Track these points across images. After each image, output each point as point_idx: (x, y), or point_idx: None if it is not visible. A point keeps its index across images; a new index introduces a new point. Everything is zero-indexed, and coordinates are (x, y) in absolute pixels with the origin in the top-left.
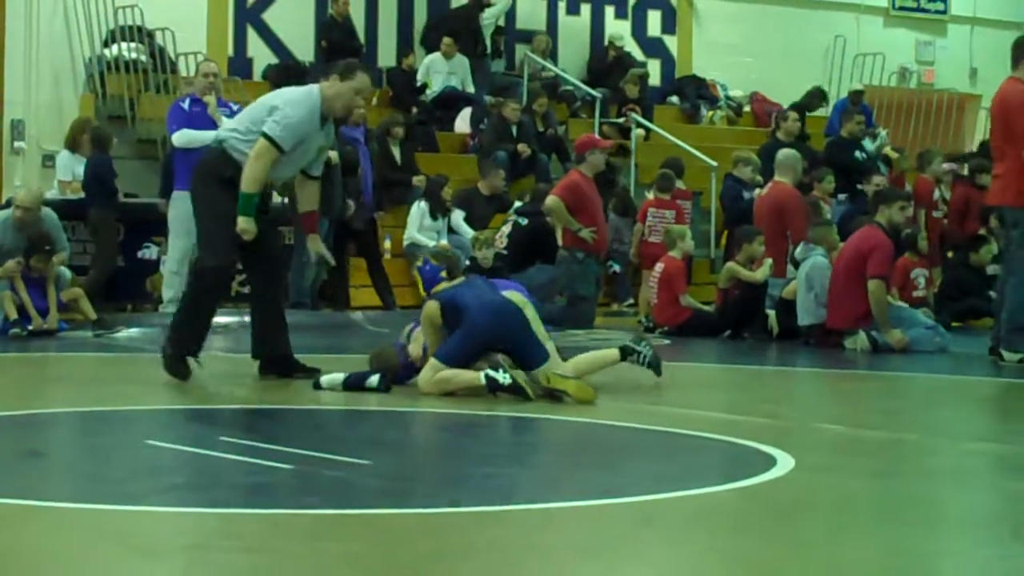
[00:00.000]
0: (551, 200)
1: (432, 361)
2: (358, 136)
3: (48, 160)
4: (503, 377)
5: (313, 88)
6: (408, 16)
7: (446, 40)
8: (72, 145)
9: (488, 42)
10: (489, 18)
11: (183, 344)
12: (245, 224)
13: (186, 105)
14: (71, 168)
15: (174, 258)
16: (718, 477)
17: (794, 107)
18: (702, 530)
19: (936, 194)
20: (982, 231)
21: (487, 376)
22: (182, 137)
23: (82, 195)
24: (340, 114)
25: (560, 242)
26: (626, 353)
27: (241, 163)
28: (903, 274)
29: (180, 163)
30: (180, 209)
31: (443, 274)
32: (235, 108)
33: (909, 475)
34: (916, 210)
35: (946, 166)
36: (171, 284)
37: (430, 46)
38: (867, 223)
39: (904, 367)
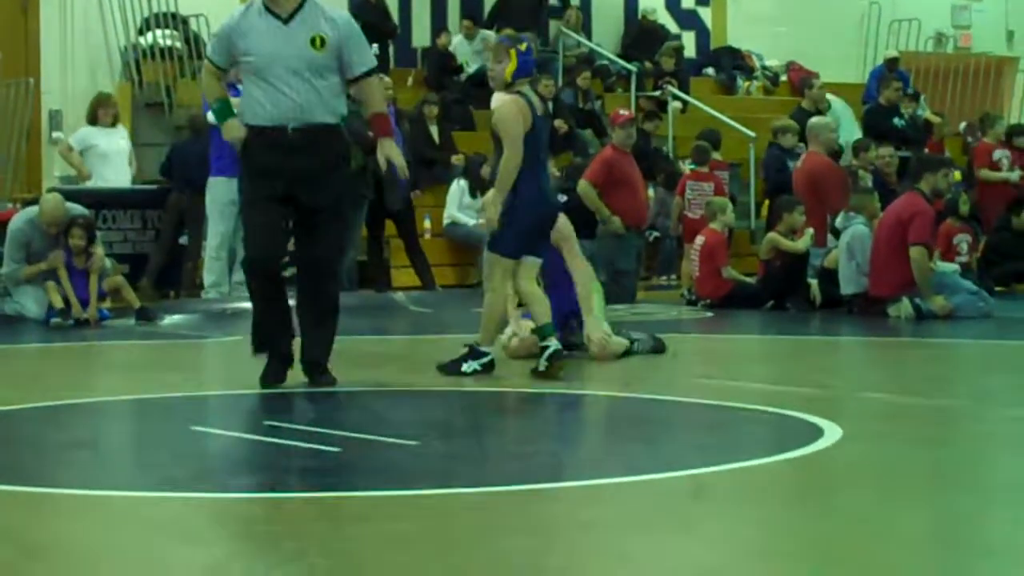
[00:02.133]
0: (582, 185)
1: (495, 256)
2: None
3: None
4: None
5: None
6: None
7: (465, 22)
8: (92, 119)
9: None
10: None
11: (261, 343)
12: (229, 131)
13: None
14: (85, 140)
15: (213, 244)
16: (766, 449)
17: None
18: (752, 502)
19: (996, 155)
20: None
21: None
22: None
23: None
24: None
25: (599, 217)
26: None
27: (248, 124)
28: (946, 239)
29: (216, 148)
30: (217, 194)
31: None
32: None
33: (957, 442)
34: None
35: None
36: (212, 269)
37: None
38: (908, 189)
39: (949, 333)
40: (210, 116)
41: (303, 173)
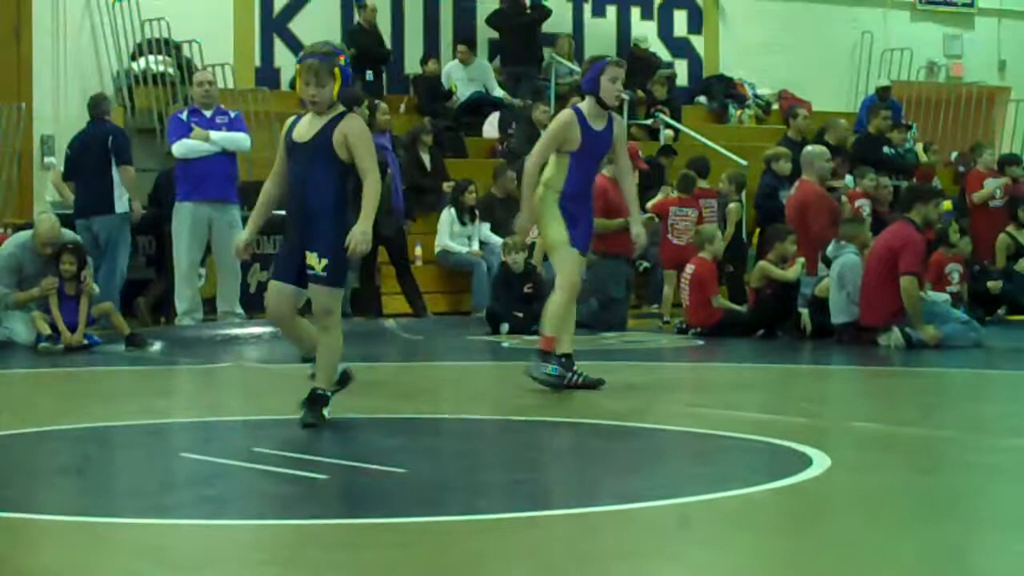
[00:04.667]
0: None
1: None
2: (385, 143)
3: None
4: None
5: None
6: (435, 23)
7: (461, 48)
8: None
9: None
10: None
11: None
12: None
13: (184, 116)
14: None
15: (182, 270)
16: (755, 478)
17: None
18: (741, 531)
19: (992, 184)
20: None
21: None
22: (181, 148)
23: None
24: None
25: (592, 246)
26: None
27: None
28: (937, 269)
29: (180, 174)
30: (183, 219)
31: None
32: (233, 116)
33: (947, 472)
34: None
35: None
36: (183, 296)
37: (502, 57)
38: (898, 219)
39: (939, 363)
40: (175, 149)
41: None
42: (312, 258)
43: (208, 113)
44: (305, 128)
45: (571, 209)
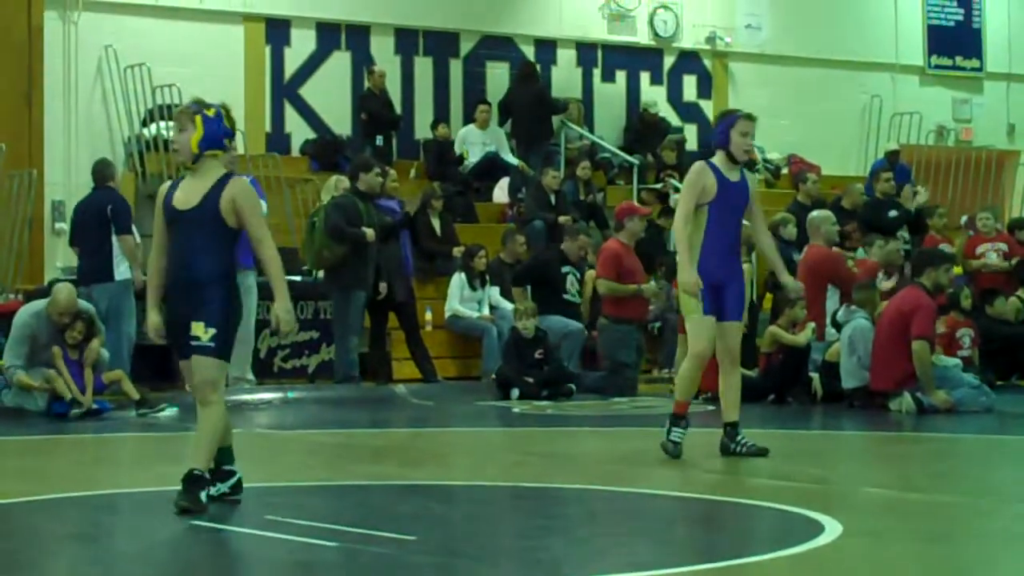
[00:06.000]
0: (602, 286)
1: None
2: (394, 207)
3: None
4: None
5: None
6: (444, 88)
7: (481, 107)
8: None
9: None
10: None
11: None
12: None
13: None
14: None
15: None
16: (766, 545)
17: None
18: None
19: (980, 249)
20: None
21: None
22: None
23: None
24: None
25: (602, 310)
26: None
27: None
28: (948, 333)
29: None
30: None
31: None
32: (248, 181)
33: (959, 538)
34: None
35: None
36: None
37: (513, 122)
38: (909, 284)
39: (950, 428)
40: None
41: None
42: (199, 328)
43: None
44: (186, 195)
45: (717, 271)
